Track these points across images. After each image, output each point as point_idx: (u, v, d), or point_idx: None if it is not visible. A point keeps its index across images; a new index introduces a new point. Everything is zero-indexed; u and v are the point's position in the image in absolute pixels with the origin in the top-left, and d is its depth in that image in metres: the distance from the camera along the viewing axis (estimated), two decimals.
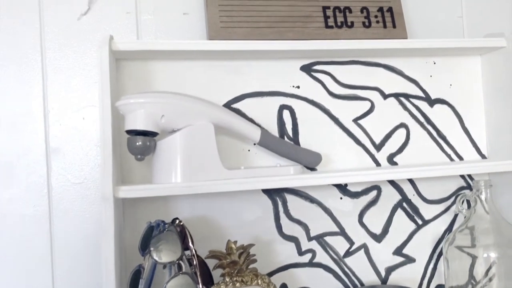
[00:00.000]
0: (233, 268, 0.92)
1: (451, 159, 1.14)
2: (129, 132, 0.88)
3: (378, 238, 1.10)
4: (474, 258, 0.99)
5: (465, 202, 1.09)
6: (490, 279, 0.99)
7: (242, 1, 1.03)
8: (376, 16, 1.07)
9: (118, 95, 1.00)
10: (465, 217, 1.03)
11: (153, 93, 0.89)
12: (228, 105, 1.05)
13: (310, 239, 1.08)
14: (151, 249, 0.88)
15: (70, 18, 1.02)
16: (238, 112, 1.05)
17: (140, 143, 0.87)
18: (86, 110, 1.01)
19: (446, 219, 1.13)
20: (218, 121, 0.93)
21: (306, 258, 1.08)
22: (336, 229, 1.09)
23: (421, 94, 1.13)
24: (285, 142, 1.00)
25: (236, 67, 1.06)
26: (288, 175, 0.95)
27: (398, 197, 1.11)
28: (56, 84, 1.01)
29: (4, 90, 0.99)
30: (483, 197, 1.02)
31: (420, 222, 1.12)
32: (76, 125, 1.01)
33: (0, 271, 0.98)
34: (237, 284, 0.91)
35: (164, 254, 0.88)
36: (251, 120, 1.06)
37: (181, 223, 0.93)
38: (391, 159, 1.11)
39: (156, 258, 0.88)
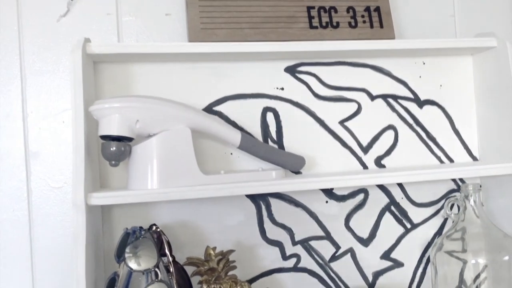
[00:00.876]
0: (211, 275, 0.90)
1: (441, 162, 1.11)
2: (103, 137, 0.87)
3: (365, 242, 1.08)
4: (464, 263, 0.97)
5: (455, 206, 1.06)
6: (480, 284, 0.96)
7: (224, 1, 1.01)
8: (362, 16, 1.05)
9: (95, 99, 0.99)
10: (453, 221, 1.00)
11: (127, 98, 0.87)
12: (210, 108, 1.03)
13: (294, 243, 1.06)
14: (126, 256, 0.87)
15: (49, 20, 1.01)
16: (220, 115, 1.03)
17: (114, 149, 0.86)
18: (66, 114, 1.00)
19: (436, 222, 1.10)
20: (196, 125, 0.91)
21: (290, 263, 1.06)
22: (322, 233, 1.07)
23: (410, 95, 1.10)
24: (267, 146, 0.98)
25: (218, 68, 1.04)
26: (269, 180, 0.93)
27: (386, 200, 1.09)
28: (35, 87, 1.00)
29: None
30: (471, 201, 0.99)
31: (408, 225, 1.10)
32: (56, 129, 1.00)
33: None
34: None
35: (139, 261, 0.87)
36: (234, 123, 1.04)
37: (158, 230, 0.92)
38: (378, 162, 1.08)
39: (131, 266, 0.87)
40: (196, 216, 1.03)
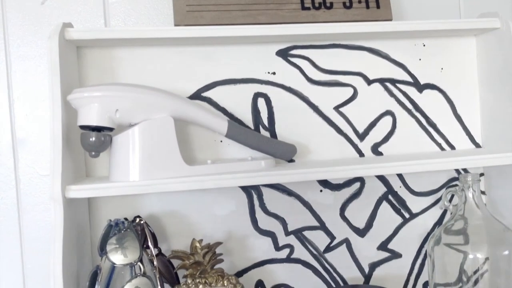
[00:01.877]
0: (196, 269, 0.87)
1: (442, 149, 1.05)
2: (82, 127, 0.83)
3: (361, 232, 1.04)
4: (464, 255, 0.92)
5: (455, 197, 1.01)
6: (480, 277, 0.92)
7: None
8: None
9: (79, 86, 0.96)
10: (451, 213, 0.96)
11: (106, 86, 0.83)
12: (198, 94, 0.99)
13: (287, 233, 1.02)
14: (107, 250, 0.84)
15: (33, 3, 0.97)
16: (209, 101, 0.99)
17: (93, 139, 0.82)
18: None
19: (436, 212, 1.06)
20: (180, 113, 0.87)
21: (283, 253, 1.02)
22: (316, 223, 1.03)
23: (409, 79, 1.04)
24: (255, 134, 0.94)
25: (206, 52, 0.99)
26: (257, 171, 0.88)
27: (383, 189, 1.04)
28: (20, 72, 0.97)
29: None
30: (470, 192, 0.94)
31: (407, 215, 1.05)
32: (43, 116, 0.97)
33: None
34: (200, 286, 0.86)
35: (122, 255, 0.84)
36: (223, 110, 1.00)
37: (142, 222, 0.89)
38: (375, 149, 1.04)
39: (113, 260, 0.84)
40: (185, 206, 1.00)
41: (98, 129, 0.83)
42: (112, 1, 1.00)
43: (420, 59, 1.05)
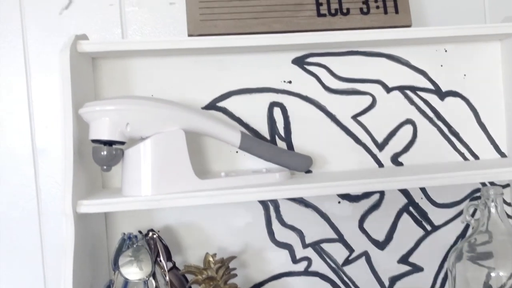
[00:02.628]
0: (209, 284, 0.86)
1: (465, 158, 1.01)
2: (94, 141, 0.83)
3: (381, 245, 1.01)
4: (489, 270, 0.88)
5: (476, 211, 0.97)
6: None
7: None
8: (376, 1, 0.96)
9: (95, 97, 0.95)
10: (472, 228, 0.92)
11: (116, 100, 0.82)
12: (213, 104, 0.97)
13: (305, 246, 1.00)
14: (120, 265, 0.83)
15: (51, 13, 0.98)
16: (224, 111, 0.98)
17: (104, 153, 0.81)
18: None
19: (459, 225, 1.02)
20: (191, 126, 0.86)
21: (301, 266, 1.00)
22: (334, 236, 1.00)
23: (430, 86, 1.01)
24: (269, 145, 0.92)
25: (221, 62, 0.98)
26: (271, 185, 0.86)
27: (403, 200, 1.01)
28: (40, 83, 0.98)
29: None
30: (492, 207, 0.89)
31: (429, 228, 1.02)
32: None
33: None
34: None
35: (133, 270, 0.83)
36: (239, 120, 0.98)
37: (155, 236, 0.88)
38: (395, 160, 1.00)
39: (125, 276, 0.83)
40: (201, 218, 0.99)
41: (109, 143, 0.82)
42: (129, 10, 0.99)
43: (441, 65, 1.01)
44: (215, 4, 0.94)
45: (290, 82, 0.99)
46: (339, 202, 1.00)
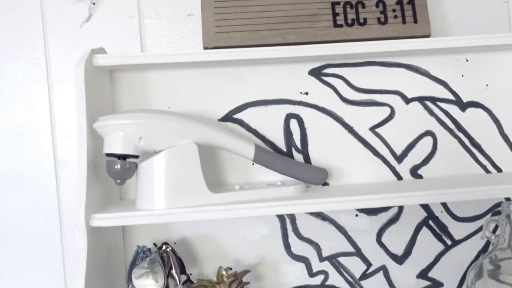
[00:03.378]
0: None
1: (487, 171, 0.98)
2: (108, 154, 0.83)
3: (400, 259, 0.99)
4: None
5: (496, 226, 0.93)
6: None
7: (240, 1, 0.94)
8: (394, 10, 0.94)
9: (112, 110, 0.96)
10: (492, 244, 0.89)
11: (129, 114, 0.83)
12: (229, 116, 0.97)
13: (322, 259, 0.99)
14: (132, 278, 0.84)
15: (72, 26, 0.99)
16: (240, 123, 0.97)
17: (118, 167, 0.82)
18: None
19: (480, 239, 0.99)
20: (204, 139, 0.86)
21: (317, 280, 0.99)
22: (352, 249, 0.99)
23: (450, 96, 0.98)
24: (284, 158, 0.91)
25: (237, 73, 0.97)
26: (285, 199, 0.84)
27: (423, 214, 0.99)
28: (61, 95, 1.00)
29: (12, 102, 0.99)
30: None
31: (449, 242, 0.99)
32: None
33: (14, 285, 0.99)
34: None
35: (146, 284, 0.83)
36: (255, 132, 0.97)
37: (168, 249, 0.88)
38: (414, 172, 0.98)
39: None
40: (217, 229, 0.98)
41: (123, 156, 0.83)
42: (148, 22, 1.00)
43: (462, 75, 0.98)
44: (231, 16, 0.94)
45: (306, 93, 0.98)
46: (356, 215, 0.99)
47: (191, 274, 0.94)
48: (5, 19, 0.99)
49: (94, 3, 1.00)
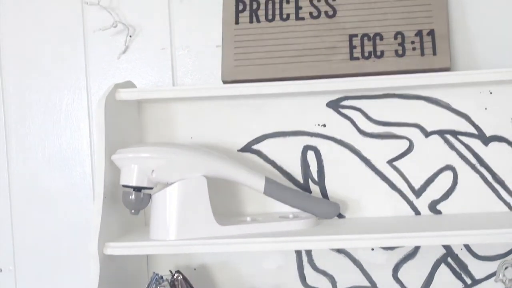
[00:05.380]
0: None
1: (511, 208, 0.94)
2: (124, 186, 0.87)
3: None
4: None
5: (509, 269, 0.90)
6: None
7: (261, 34, 0.96)
8: (412, 42, 0.92)
9: (139, 140, 1.01)
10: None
11: (143, 148, 0.87)
12: (248, 147, 0.99)
13: None
14: None
15: (111, 57, 1.05)
16: (259, 153, 0.99)
17: (132, 198, 0.86)
18: None
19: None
20: (214, 173, 0.88)
21: None
22: (367, 283, 0.98)
23: (473, 130, 0.95)
24: (295, 192, 0.92)
25: (256, 105, 0.99)
26: (294, 235, 0.84)
27: (442, 250, 0.96)
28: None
29: (55, 129, 1.06)
30: None
31: (469, 281, 0.96)
32: None
33: None
34: None
35: None
36: (273, 163, 0.99)
37: (180, 278, 0.91)
38: (433, 207, 0.96)
39: None
40: (236, 257, 1.01)
41: (138, 188, 0.87)
42: (179, 53, 1.04)
43: (486, 108, 0.95)
44: (250, 50, 0.96)
45: (324, 125, 0.98)
46: (372, 249, 0.97)
47: None
48: (52, 54, 1.06)
49: (130, 36, 1.05)
